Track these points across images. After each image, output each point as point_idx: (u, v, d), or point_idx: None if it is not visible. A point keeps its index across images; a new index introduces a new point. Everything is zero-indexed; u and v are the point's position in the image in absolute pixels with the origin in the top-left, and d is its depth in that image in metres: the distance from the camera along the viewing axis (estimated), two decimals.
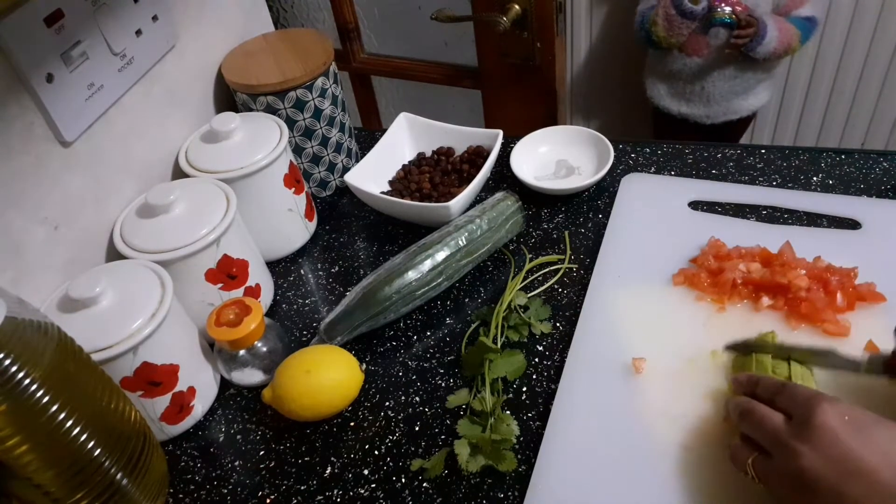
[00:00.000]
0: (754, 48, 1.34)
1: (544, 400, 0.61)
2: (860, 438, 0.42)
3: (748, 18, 1.32)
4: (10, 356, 0.43)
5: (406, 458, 0.59)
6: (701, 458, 0.53)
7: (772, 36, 1.33)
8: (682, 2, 1.33)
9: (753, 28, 1.32)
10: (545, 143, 0.86)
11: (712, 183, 0.78)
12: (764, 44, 1.33)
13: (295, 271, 0.79)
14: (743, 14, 1.33)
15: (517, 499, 0.54)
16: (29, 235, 0.60)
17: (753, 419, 0.48)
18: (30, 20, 0.57)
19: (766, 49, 1.34)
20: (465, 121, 0.86)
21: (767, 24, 1.33)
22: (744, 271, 0.64)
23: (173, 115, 0.77)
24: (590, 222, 0.77)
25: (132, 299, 0.57)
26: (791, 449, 0.43)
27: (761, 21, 1.33)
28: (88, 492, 0.49)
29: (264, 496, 0.58)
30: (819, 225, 0.71)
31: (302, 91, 0.77)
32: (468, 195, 0.75)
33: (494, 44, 1.25)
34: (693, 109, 1.48)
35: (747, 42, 1.34)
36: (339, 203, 0.87)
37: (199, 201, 0.66)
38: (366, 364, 0.67)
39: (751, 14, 1.33)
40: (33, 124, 0.59)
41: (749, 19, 1.32)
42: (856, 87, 1.61)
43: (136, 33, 0.69)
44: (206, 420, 0.65)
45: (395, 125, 0.86)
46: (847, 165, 0.78)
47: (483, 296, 0.72)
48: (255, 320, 0.60)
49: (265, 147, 0.72)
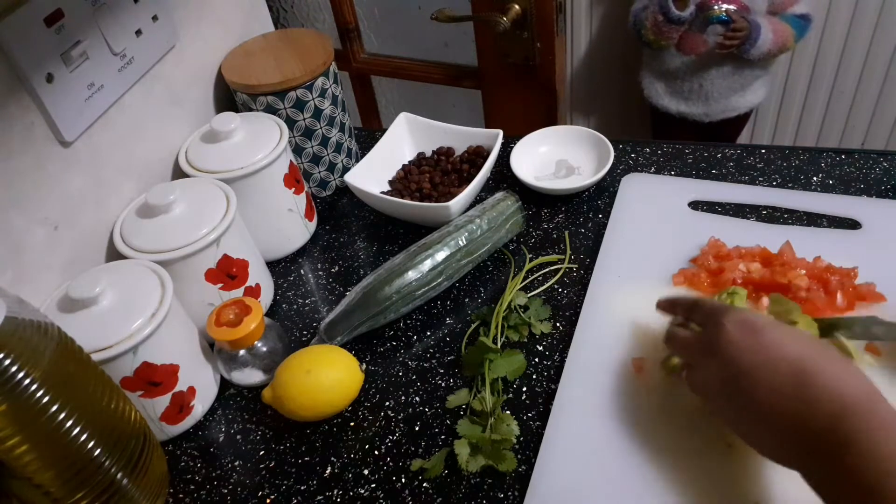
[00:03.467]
0: (748, 51, 1.34)
1: (544, 400, 0.61)
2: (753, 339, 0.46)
3: (740, 20, 1.32)
4: (10, 356, 0.43)
5: (406, 458, 0.59)
6: (701, 458, 0.53)
7: (765, 38, 1.33)
8: (668, 8, 1.34)
9: (744, 31, 1.32)
10: (545, 142, 0.86)
11: (712, 183, 0.78)
12: (757, 46, 1.33)
13: (295, 271, 0.79)
14: (737, 15, 1.33)
15: (517, 499, 0.54)
16: (29, 235, 0.60)
17: (674, 341, 0.55)
18: (30, 20, 0.57)
19: (760, 51, 1.34)
20: (465, 121, 0.86)
21: (761, 25, 1.33)
22: (744, 271, 0.64)
23: (173, 114, 0.77)
24: (590, 222, 0.77)
25: (132, 299, 0.57)
26: (703, 359, 0.50)
27: (754, 23, 1.32)
28: (88, 492, 0.49)
29: (264, 496, 0.58)
30: (819, 225, 0.71)
31: (302, 91, 0.77)
32: (468, 195, 0.75)
33: (494, 44, 1.25)
34: (691, 108, 1.48)
35: (738, 44, 1.34)
36: (339, 203, 0.87)
37: (199, 201, 0.66)
38: (366, 364, 0.67)
39: (743, 16, 1.33)
40: (33, 124, 0.59)
41: (741, 21, 1.32)
42: (856, 86, 1.61)
43: (136, 33, 0.69)
44: (206, 420, 0.65)
45: (395, 125, 0.86)
46: (847, 165, 0.78)
47: (483, 296, 0.72)
48: (255, 320, 0.60)
49: (265, 147, 0.72)
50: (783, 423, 0.43)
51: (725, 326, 0.48)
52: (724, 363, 0.47)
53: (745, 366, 0.46)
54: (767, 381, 0.44)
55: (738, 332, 0.47)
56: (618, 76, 1.73)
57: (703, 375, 0.50)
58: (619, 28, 1.63)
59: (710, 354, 0.49)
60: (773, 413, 0.44)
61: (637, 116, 1.78)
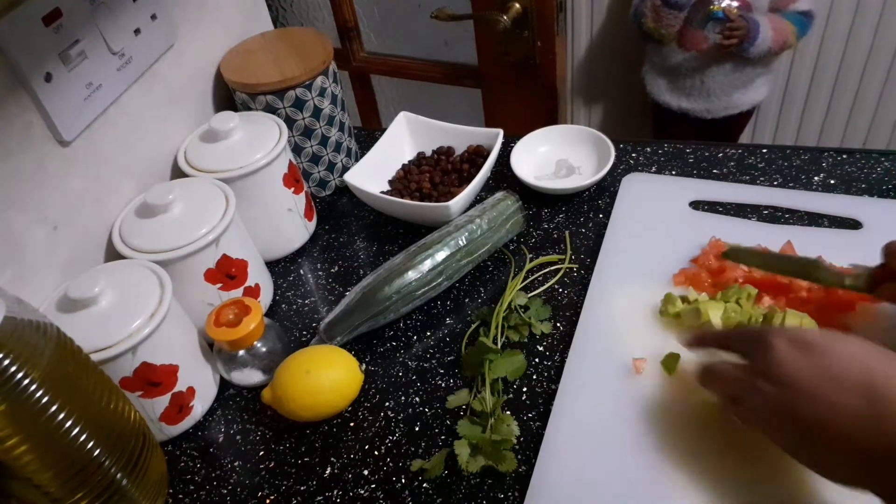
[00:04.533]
0: (747, 49, 1.34)
1: (544, 400, 0.61)
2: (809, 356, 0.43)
3: (739, 19, 1.32)
4: (10, 356, 0.43)
5: (406, 459, 0.59)
6: (701, 459, 0.52)
7: (765, 36, 1.33)
8: None
9: (742, 31, 1.32)
10: (545, 142, 0.86)
11: (713, 183, 0.78)
12: (756, 44, 1.33)
13: (294, 271, 0.79)
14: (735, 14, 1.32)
15: (517, 499, 0.54)
16: (28, 235, 0.60)
17: (713, 377, 0.50)
18: (28, 19, 0.57)
19: (760, 49, 1.34)
20: (465, 120, 0.86)
21: (761, 24, 1.32)
22: (745, 271, 0.64)
23: (172, 114, 0.77)
24: (590, 222, 0.77)
25: (131, 299, 0.57)
26: (753, 388, 0.45)
27: (752, 22, 1.32)
28: (88, 492, 0.49)
29: (264, 496, 0.58)
30: (820, 225, 0.71)
31: (301, 90, 0.77)
32: (468, 195, 0.75)
33: (495, 43, 1.25)
34: (693, 104, 1.48)
35: (737, 43, 1.33)
36: (338, 203, 0.87)
37: (198, 201, 0.66)
38: (366, 364, 0.67)
39: (742, 15, 1.33)
40: (32, 124, 0.59)
41: (739, 20, 1.32)
42: (857, 86, 1.61)
43: (134, 32, 0.69)
44: (206, 420, 0.64)
45: (395, 124, 0.86)
46: (848, 165, 0.78)
47: (483, 296, 0.72)
48: (255, 320, 0.60)
49: (264, 146, 0.71)
50: (854, 446, 0.40)
51: (775, 347, 0.44)
52: (780, 387, 0.43)
53: (804, 386, 0.42)
54: (831, 400, 0.41)
55: (790, 351, 0.43)
56: (618, 75, 1.73)
57: (755, 404, 0.45)
58: (620, 27, 1.63)
59: (761, 381, 0.44)
60: (841, 435, 0.40)
61: (638, 116, 1.78)
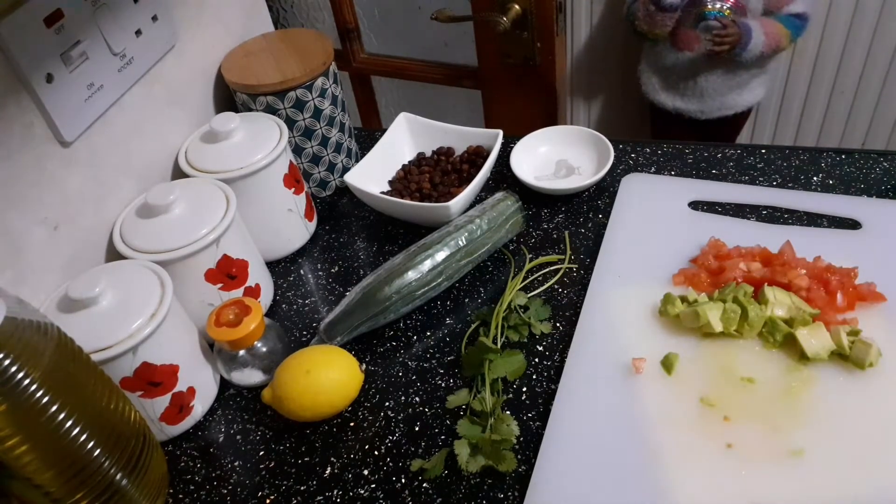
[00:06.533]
0: (739, 54, 1.34)
1: (544, 400, 0.61)
2: None
3: (731, 25, 1.32)
4: (10, 356, 0.43)
5: (406, 459, 0.59)
6: (701, 459, 0.53)
7: (757, 41, 1.32)
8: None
9: (733, 37, 1.32)
10: (545, 142, 0.86)
11: (712, 183, 0.78)
12: (749, 49, 1.33)
13: (295, 271, 0.79)
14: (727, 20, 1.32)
15: (517, 499, 0.54)
16: (29, 235, 0.60)
17: None
18: (29, 20, 0.57)
19: (752, 54, 1.34)
20: (465, 121, 0.86)
21: (753, 28, 1.32)
22: (744, 271, 0.64)
23: (173, 115, 0.77)
24: (590, 222, 0.77)
25: (132, 299, 0.57)
26: None
27: (745, 27, 1.32)
28: (88, 492, 0.49)
29: (264, 496, 0.58)
30: (819, 225, 0.71)
31: (302, 91, 0.77)
32: (468, 195, 0.75)
33: (494, 44, 1.26)
34: (687, 104, 1.48)
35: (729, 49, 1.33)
36: (338, 203, 0.87)
37: (199, 201, 0.66)
38: (366, 364, 0.67)
39: (734, 20, 1.33)
40: (33, 124, 0.59)
41: (732, 27, 1.32)
42: (856, 86, 1.61)
43: (135, 33, 0.69)
44: (206, 420, 0.65)
45: (395, 125, 0.86)
46: (847, 165, 0.78)
47: (483, 296, 0.72)
48: (255, 320, 0.60)
49: (265, 147, 0.72)
50: None
51: None
52: None
53: None
54: None
55: None
56: (618, 76, 1.73)
57: None
58: (619, 28, 1.63)
59: None
60: None
61: (637, 116, 1.78)
